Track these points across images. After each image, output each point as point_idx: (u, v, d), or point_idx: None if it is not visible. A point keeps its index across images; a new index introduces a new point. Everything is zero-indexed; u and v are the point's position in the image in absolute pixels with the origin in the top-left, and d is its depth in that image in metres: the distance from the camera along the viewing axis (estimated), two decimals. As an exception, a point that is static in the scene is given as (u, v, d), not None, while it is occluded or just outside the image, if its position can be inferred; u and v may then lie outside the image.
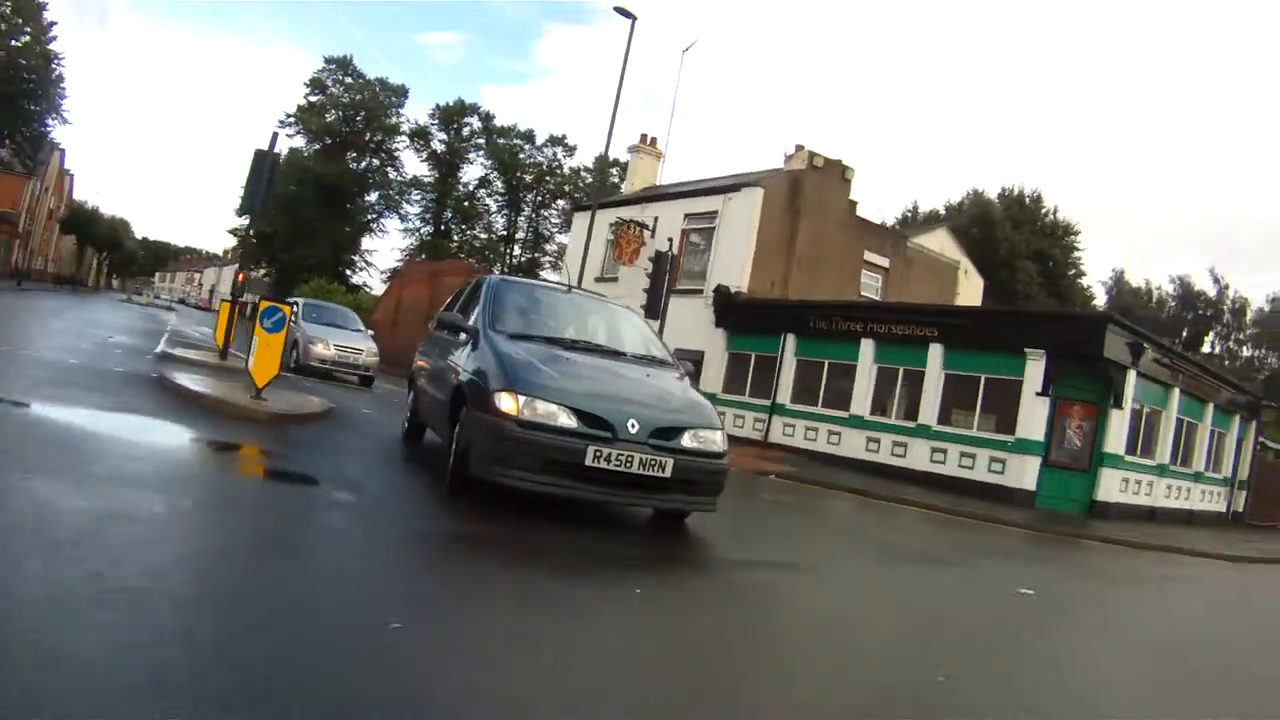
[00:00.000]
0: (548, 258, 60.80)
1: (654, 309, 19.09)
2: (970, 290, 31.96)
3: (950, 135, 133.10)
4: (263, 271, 56.87)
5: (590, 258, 24.61)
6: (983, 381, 18.90)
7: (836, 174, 26.44)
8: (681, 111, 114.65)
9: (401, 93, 57.52)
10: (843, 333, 21.14)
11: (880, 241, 28.23)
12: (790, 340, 22.03)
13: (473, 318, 7.49)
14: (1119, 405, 18.47)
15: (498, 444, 5.85)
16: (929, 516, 13.34)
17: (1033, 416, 17.92)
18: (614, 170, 50.20)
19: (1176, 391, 21.22)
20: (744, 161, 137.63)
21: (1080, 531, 14.72)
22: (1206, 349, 66.18)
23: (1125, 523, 17.90)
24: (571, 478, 5.78)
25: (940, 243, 32.04)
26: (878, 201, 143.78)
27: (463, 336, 7.42)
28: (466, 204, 58.57)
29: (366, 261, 55.99)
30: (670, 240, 23.45)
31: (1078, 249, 57.33)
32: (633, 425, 5.93)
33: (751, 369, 23.02)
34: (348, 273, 55.44)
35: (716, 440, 6.41)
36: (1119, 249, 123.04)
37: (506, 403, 5.89)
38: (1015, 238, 51.88)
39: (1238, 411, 26.60)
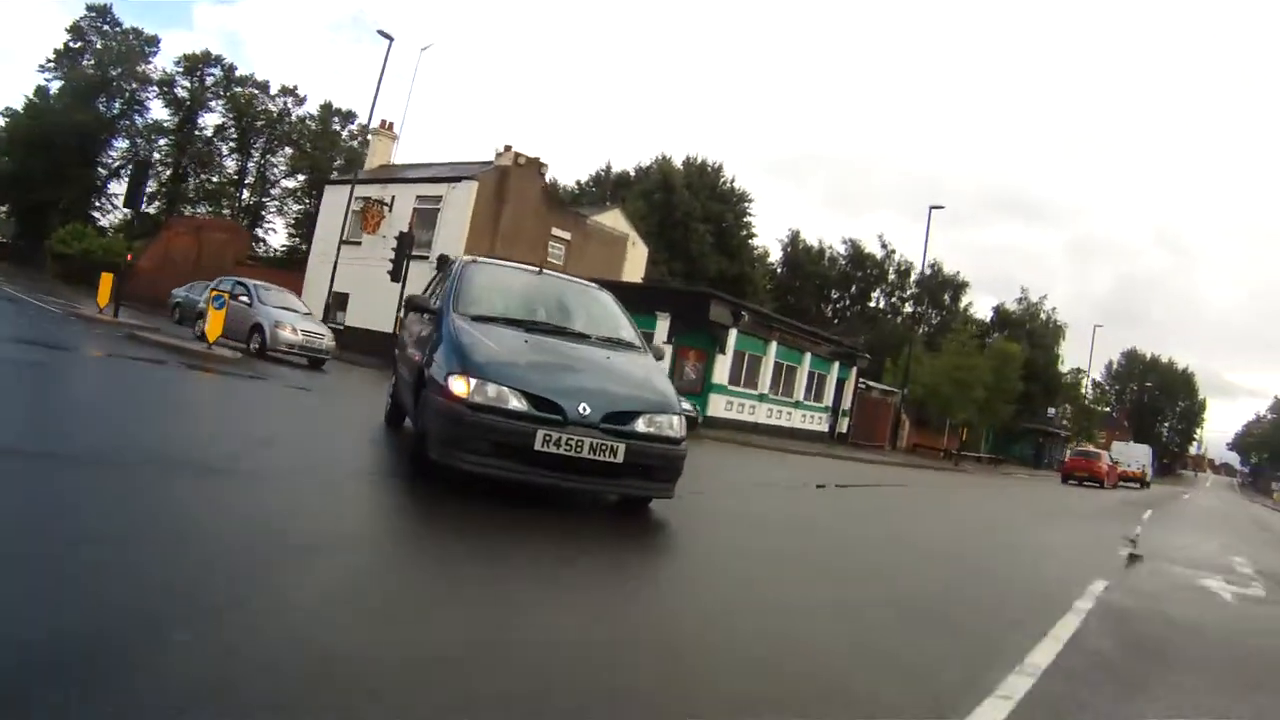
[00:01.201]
0: (273, 201, 65.69)
1: (397, 274, 26.86)
2: (637, 258, 41.67)
3: (649, 107, 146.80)
4: (4, 209, 58.88)
5: (337, 225, 32.43)
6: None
7: (534, 168, 35.17)
8: (416, 99, 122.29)
9: (153, 42, 60.13)
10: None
11: (565, 219, 37.33)
12: (495, 298, 30.55)
13: (438, 300, 7.47)
14: (723, 352, 28.77)
15: (450, 427, 5.77)
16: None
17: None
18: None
19: (774, 343, 32.12)
20: (467, 142, 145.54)
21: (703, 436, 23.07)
22: (873, 303, 78.51)
23: (733, 430, 28.10)
24: (522, 462, 5.65)
25: (614, 219, 41.56)
26: (582, 161, 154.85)
27: (427, 318, 7.41)
28: (205, 149, 62.41)
29: (113, 205, 58.98)
30: (410, 222, 31.36)
31: (750, 215, 67.04)
32: (584, 409, 5.76)
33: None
34: (97, 216, 58.14)
35: (674, 425, 6.27)
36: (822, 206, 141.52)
37: (458, 385, 5.77)
38: (693, 202, 59.64)
39: (838, 359, 38.45)
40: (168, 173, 60.67)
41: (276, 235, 65.59)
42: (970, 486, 24.49)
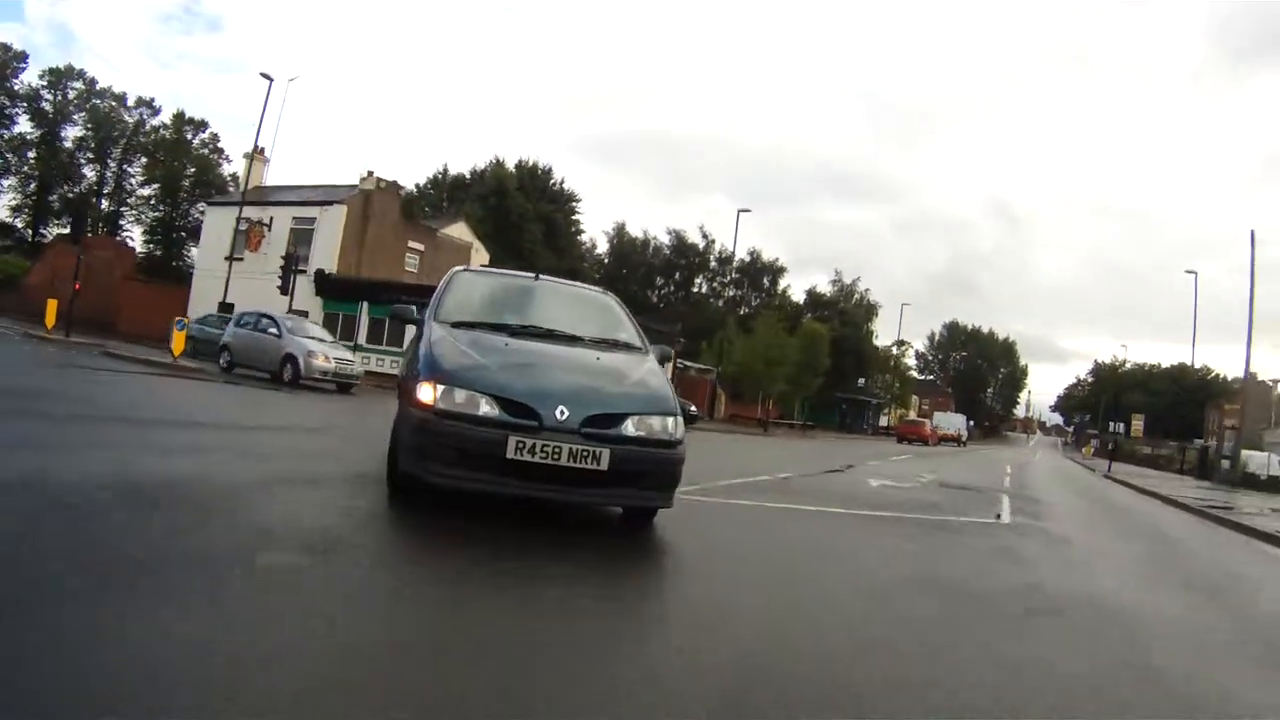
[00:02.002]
0: (131, 210, 68.56)
1: (285, 288, 32.16)
2: (480, 262, 47.50)
3: (481, 106, 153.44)
4: None
5: (222, 243, 37.47)
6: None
7: (392, 190, 40.96)
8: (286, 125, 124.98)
9: (21, 57, 62.39)
10: (395, 300, 35.49)
11: (419, 233, 43.31)
12: (365, 305, 36.04)
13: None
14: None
15: (416, 436, 5.34)
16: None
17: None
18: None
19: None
20: (333, 162, 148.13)
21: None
22: (697, 289, 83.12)
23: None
24: (492, 471, 5.12)
25: (460, 230, 47.61)
26: (422, 164, 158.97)
27: (414, 329, 7.00)
28: (67, 162, 65.02)
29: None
30: (289, 241, 36.60)
31: (579, 213, 73.00)
32: (561, 412, 5.19)
33: (340, 323, 36.52)
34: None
35: (668, 427, 5.63)
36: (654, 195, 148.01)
37: (425, 392, 5.29)
38: (526, 204, 63.41)
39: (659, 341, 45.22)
40: (33, 185, 63.13)
41: (133, 243, 68.46)
42: (767, 445, 28.90)
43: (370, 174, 40.27)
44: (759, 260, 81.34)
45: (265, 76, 35.25)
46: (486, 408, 5.21)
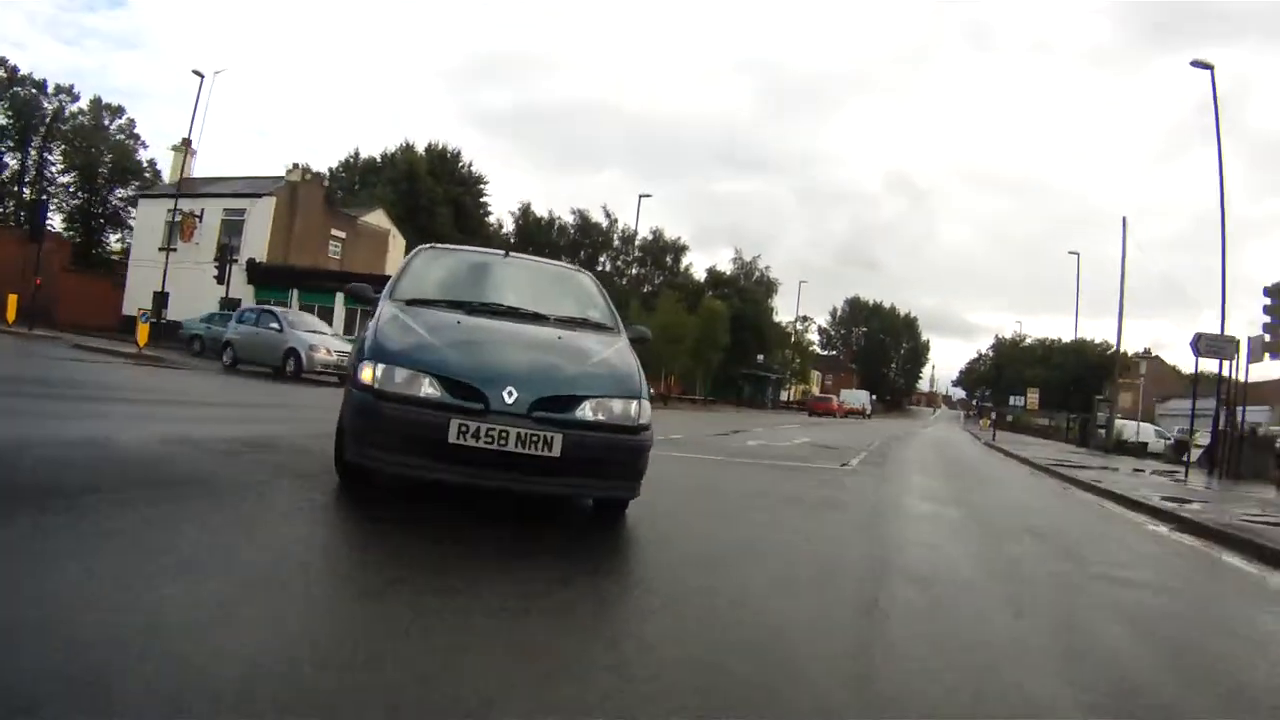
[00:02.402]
0: (55, 198, 69.78)
1: (221, 277, 35.37)
2: (397, 249, 51.05)
3: (384, 89, 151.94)
4: None
5: (155, 234, 40.60)
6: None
7: (317, 182, 44.40)
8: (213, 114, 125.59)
9: None
10: (319, 288, 39.09)
11: (340, 222, 46.91)
12: (295, 291, 39.49)
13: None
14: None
15: (356, 419, 5.00)
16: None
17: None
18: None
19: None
20: (245, 147, 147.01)
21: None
22: (601, 267, 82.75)
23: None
24: (433, 457, 4.70)
25: (378, 218, 51.21)
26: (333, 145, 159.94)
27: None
28: (-13, 152, 66.13)
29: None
30: (218, 232, 39.75)
31: (486, 195, 76.21)
32: (510, 394, 4.75)
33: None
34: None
35: (630, 411, 5.13)
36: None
37: (365, 372, 4.90)
38: (436, 188, 65.74)
39: None
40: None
41: (55, 228, 69.72)
42: (667, 415, 34.40)
43: (296, 166, 44.03)
44: (661, 239, 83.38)
45: (197, 74, 38.17)
46: (429, 389, 4.79)
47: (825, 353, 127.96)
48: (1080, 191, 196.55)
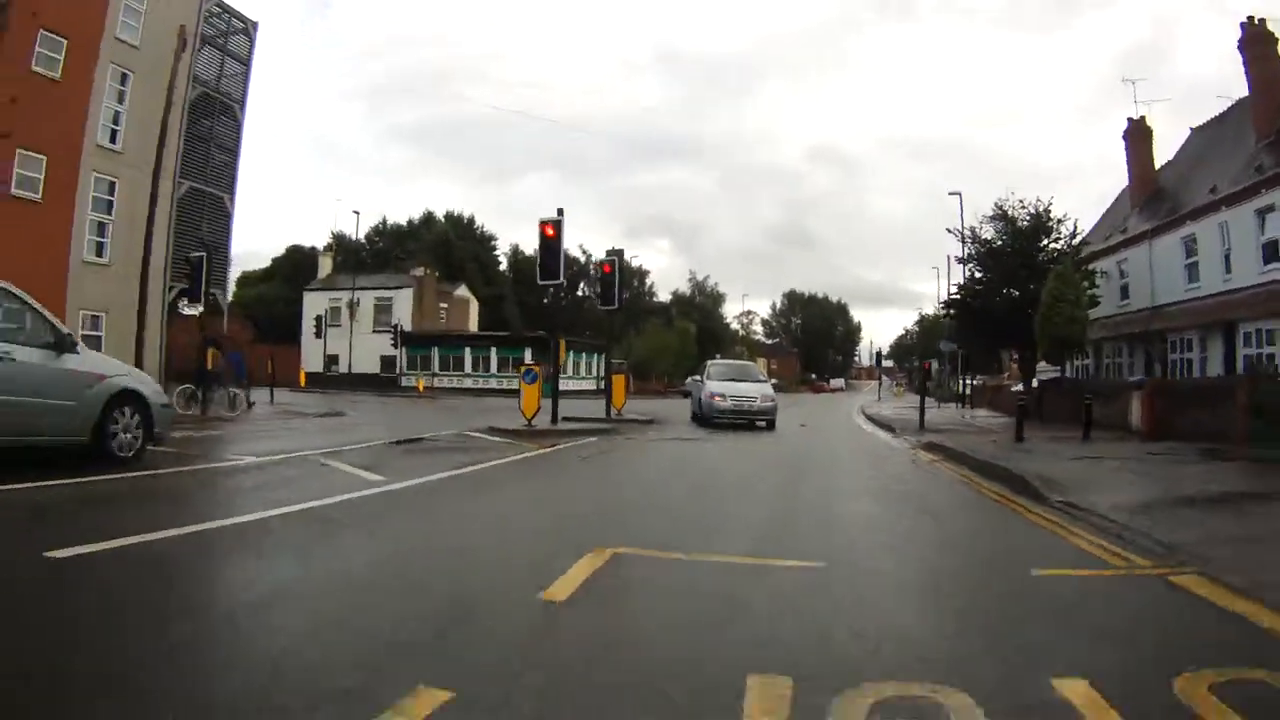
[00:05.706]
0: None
1: (396, 344, 56.41)
2: (474, 312, 72.97)
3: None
4: None
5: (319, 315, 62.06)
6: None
7: (431, 275, 66.27)
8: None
9: None
10: (454, 343, 61.00)
11: (445, 297, 68.38)
12: (436, 349, 60.62)
13: (702, 373, 25.15)
14: (561, 360, 60.93)
15: (704, 408, 22.69)
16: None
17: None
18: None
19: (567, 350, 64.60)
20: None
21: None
22: (581, 293, 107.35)
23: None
24: (721, 415, 21.93)
25: (463, 291, 72.67)
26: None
27: (699, 379, 25.25)
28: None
29: None
30: (397, 323, 61.16)
31: (497, 250, 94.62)
32: (746, 400, 22.82)
33: (417, 363, 59.76)
34: None
35: (772, 402, 23.52)
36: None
37: (710, 390, 22.62)
38: (464, 249, 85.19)
39: (596, 350, 70.81)
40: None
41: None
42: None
43: (423, 269, 66.04)
44: (627, 266, 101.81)
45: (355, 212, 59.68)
46: (720, 401, 22.28)
47: (770, 341, 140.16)
48: (1007, 152, 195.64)
